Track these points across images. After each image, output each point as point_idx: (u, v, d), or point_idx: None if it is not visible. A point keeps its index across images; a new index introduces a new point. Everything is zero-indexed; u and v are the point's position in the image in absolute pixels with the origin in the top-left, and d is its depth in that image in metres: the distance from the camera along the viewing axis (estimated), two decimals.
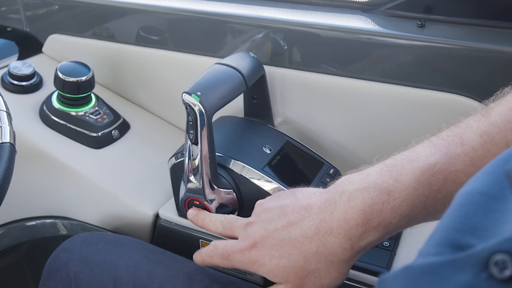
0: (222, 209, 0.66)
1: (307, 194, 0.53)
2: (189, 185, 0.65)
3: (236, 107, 0.80)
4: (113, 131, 0.86)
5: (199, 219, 0.64)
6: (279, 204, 0.54)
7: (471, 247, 0.28)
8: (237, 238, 0.56)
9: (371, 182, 0.48)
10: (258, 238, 0.52)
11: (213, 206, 0.65)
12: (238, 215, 0.68)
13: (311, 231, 0.49)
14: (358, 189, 0.48)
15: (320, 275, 0.50)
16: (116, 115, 0.88)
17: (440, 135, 0.49)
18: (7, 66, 0.90)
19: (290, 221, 0.51)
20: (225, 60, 0.70)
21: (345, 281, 0.57)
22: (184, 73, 0.88)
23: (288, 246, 0.50)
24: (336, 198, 0.49)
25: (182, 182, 0.67)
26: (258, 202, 0.57)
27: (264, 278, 0.71)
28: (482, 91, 0.69)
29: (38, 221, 0.87)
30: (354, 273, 0.63)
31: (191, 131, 0.62)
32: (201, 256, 0.59)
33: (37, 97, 0.88)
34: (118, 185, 0.79)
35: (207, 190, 0.64)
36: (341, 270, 0.51)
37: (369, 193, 0.47)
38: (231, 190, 0.66)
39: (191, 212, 0.65)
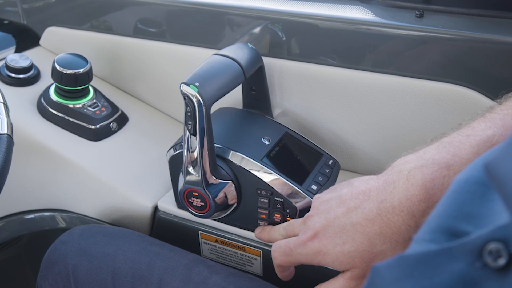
0: (221, 200, 0.66)
1: (363, 180, 0.52)
2: (188, 177, 0.65)
3: (235, 98, 0.80)
4: (111, 124, 0.86)
5: (265, 234, 0.65)
6: (336, 194, 0.53)
7: (466, 235, 0.28)
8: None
9: (429, 158, 0.47)
10: (319, 228, 0.52)
11: (212, 197, 0.64)
12: (237, 206, 0.68)
13: (373, 213, 0.48)
14: (416, 167, 0.47)
15: (386, 256, 0.49)
16: (114, 108, 0.88)
17: (493, 110, 0.49)
18: (4, 58, 0.90)
19: (349, 208, 0.50)
20: (223, 51, 0.69)
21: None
22: (182, 65, 0.87)
23: (351, 231, 0.49)
24: (394, 178, 0.48)
25: (181, 173, 0.67)
26: (315, 197, 0.56)
27: (264, 269, 0.71)
28: (482, 81, 0.69)
29: (36, 214, 0.87)
30: None
31: (190, 122, 0.62)
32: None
33: (35, 90, 0.88)
34: (116, 177, 0.79)
35: (206, 181, 0.64)
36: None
37: (428, 169, 0.46)
38: (230, 181, 0.66)
39: (257, 230, 0.67)
